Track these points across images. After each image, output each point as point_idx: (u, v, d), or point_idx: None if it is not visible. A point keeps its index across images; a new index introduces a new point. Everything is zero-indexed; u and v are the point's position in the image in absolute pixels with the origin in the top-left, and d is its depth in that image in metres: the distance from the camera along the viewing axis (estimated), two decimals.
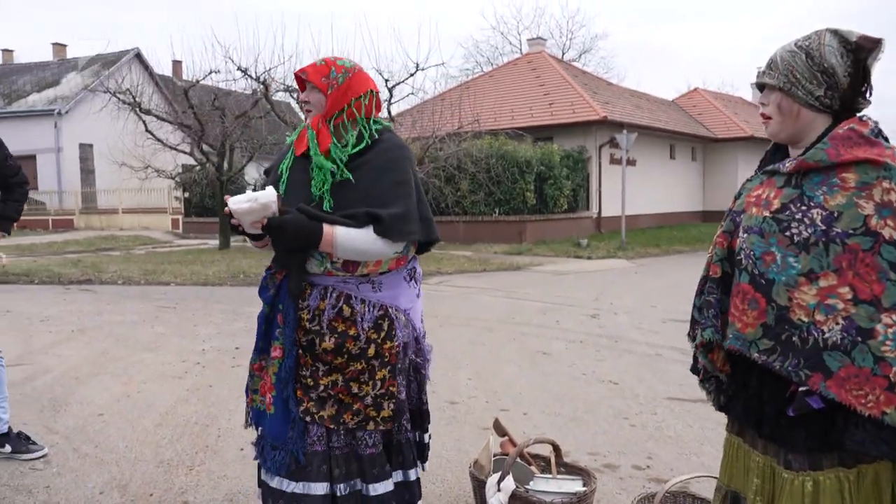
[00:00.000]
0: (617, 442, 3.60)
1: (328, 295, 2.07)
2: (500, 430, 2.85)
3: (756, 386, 1.54)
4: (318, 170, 2.06)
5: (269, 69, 13.98)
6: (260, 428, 2.19)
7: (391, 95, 13.65)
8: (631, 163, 20.39)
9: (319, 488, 2.07)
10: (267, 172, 2.29)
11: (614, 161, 19.97)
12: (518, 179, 16.50)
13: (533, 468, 2.70)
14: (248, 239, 2.12)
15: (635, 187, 20.46)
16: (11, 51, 34.11)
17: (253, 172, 20.01)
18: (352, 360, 2.06)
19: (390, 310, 2.11)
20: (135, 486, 3.06)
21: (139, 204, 25.89)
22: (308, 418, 2.06)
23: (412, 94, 17.17)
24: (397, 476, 2.17)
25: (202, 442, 3.61)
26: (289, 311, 2.07)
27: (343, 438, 2.09)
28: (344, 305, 2.07)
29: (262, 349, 2.19)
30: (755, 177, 1.63)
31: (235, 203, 1.91)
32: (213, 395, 4.47)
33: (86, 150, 28.03)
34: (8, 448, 3.37)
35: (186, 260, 13.08)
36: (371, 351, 2.07)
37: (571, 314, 7.44)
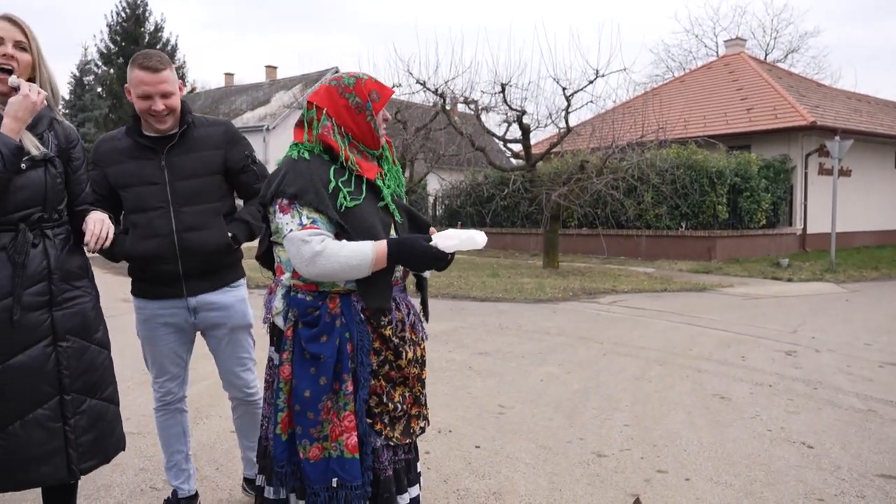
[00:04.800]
0: None
1: (399, 305, 2.04)
2: None
3: None
4: (396, 188, 2.21)
5: (447, 81, 13.99)
6: (335, 479, 1.92)
7: (569, 104, 13.06)
8: (845, 173, 17.98)
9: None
10: (301, 193, 2.00)
11: (824, 171, 17.69)
12: (708, 192, 15.12)
13: None
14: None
15: (850, 201, 17.98)
16: (232, 74, 38.11)
17: (434, 184, 20.42)
18: (423, 367, 2.09)
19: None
20: None
21: None
22: (392, 443, 2.00)
23: (591, 101, 16.31)
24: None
25: None
26: (363, 336, 1.96)
27: (401, 451, 2.05)
28: (411, 312, 2.09)
29: (325, 388, 1.93)
30: None
31: (446, 240, 1.91)
32: None
33: None
34: None
35: None
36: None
37: (762, 349, 6.42)
